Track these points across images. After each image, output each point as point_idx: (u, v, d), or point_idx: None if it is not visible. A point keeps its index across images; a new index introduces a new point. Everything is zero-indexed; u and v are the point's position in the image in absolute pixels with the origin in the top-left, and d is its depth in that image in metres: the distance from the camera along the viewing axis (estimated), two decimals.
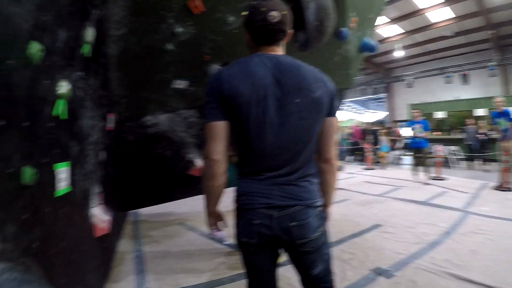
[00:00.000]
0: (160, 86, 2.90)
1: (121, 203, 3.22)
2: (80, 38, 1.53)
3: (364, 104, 23.84)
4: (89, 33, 1.59)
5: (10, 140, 0.90)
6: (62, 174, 1.33)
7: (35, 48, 1.01)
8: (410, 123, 6.51)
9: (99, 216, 1.98)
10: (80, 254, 1.54)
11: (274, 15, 1.00)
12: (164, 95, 3.00)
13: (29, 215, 0.95)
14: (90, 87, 1.78)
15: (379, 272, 2.28)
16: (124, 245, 3.03)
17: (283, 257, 1.16)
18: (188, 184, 3.39)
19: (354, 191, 5.58)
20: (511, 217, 3.55)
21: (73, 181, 1.51)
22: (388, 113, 17.54)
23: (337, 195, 5.29)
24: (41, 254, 1.02)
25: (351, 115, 23.16)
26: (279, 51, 1.08)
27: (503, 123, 5.21)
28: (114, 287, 2.16)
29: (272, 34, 1.03)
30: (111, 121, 2.64)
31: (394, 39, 13.17)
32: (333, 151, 1.09)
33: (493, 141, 7.17)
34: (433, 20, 11.63)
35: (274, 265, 1.12)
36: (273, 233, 1.00)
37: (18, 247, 0.84)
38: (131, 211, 4.19)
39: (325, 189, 1.13)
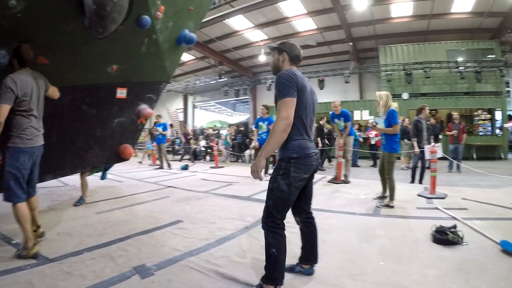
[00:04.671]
0: None
1: None
2: None
3: (233, 106, 25.88)
4: None
5: None
6: None
7: None
8: (257, 120, 6.98)
9: None
10: None
11: None
12: None
13: None
14: None
15: (138, 270, 2.11)
16: None
17: None
18: None
19: (180, 189, 5.28)
20: (332, 209, 3.68)
21: None
22: (249, 115, 18.96)
23: (160, 193, 4.40)
24: None
25: (221, 116, 25.19)
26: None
27: (340, 123, 5.85)
28: None
29: None
30: None
31: (258, 44, 13.73)
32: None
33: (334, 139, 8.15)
34: (299, 29, 12.39)
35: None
36: None
37: None
38: None
39: None
